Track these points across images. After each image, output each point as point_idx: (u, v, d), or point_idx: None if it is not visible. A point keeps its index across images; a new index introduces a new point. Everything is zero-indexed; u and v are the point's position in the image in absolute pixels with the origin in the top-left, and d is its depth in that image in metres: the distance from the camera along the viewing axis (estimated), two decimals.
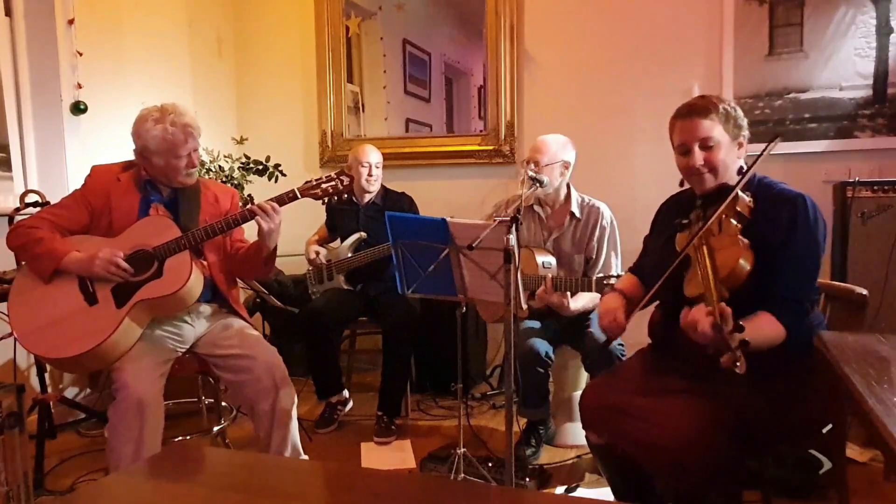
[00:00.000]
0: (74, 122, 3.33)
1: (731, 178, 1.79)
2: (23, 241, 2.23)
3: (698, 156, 1.75)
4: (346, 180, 2.35)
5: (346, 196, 2.40)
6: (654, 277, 1.76)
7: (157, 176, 2.36)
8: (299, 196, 2.32)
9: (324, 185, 2.34)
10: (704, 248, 1.63)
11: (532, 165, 2.80)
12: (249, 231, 2.53)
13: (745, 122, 1.81)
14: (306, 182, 2.36)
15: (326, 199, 2.39)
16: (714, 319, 1.43)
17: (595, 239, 2.86)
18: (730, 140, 1.76)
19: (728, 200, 1.66)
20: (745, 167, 1.82)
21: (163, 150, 2.27)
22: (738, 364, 1.37)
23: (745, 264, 1.57)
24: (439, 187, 3.96)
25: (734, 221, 1.65)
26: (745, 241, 1.61)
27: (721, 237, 1.64)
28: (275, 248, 2.37)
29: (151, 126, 2.26)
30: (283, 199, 2.30)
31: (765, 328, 1.57)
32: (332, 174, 2.37)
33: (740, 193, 1.68)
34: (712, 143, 1.74)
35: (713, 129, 1.74)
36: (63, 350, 2.14)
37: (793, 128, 3.35)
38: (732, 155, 1.78)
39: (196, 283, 2.25)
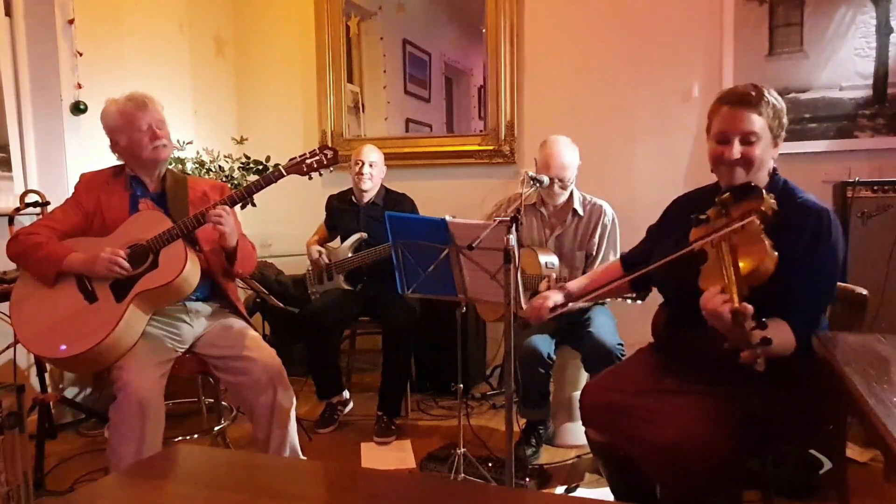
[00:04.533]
0: (74, 122, 3.33)
1: (761, 177, 1.75)
2: (22, 248, 2.24)
3: (737, 149, 1.69)
4: (329, 154, 2.34)
5: (331, 169, 2.37)
6: (663, 274, 1.75)
7: (130, 161, 2.38)
8: (285, 174, 2.31)
9: (308, 160, 2.33)
10: (726, 244, 1.55)
11: (558, 182, 2.83)
12: (248, 227, 2.53)
13: (786, 120, 1.75)
14: (291, 159, 2.35)
15: (313, 175, 2.35)
16: (732, 306, 1.37)
17: (597, 236, 2.90)
18: (771, 138, 1.71)
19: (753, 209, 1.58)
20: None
21: (121, 126, 2.32)
22: (758, 361, 1.32)
23: (769, 263, 1.50)
24: (439, 187, 3.95)
25: (758, 221, 1.57)
26: (770, 241, 1.53)
27: (745, 235, 1.56)
28: (237, 246, 2.34)
29: (109, 107, 2.34)
30: (270, 179, 2.29)
31: (780, 336, 1.51)
32: (316, 149, 2.36)
33: (765, 194, 1.61)
34: (754, 138, 1.68)
35: (758, 123, 1.68)
36: (69, 349, 2.14)
37: (793, 128, 3.35)
38: (769, 153, 1.73)
39: (192, 272, 2.25)
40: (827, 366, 1.45)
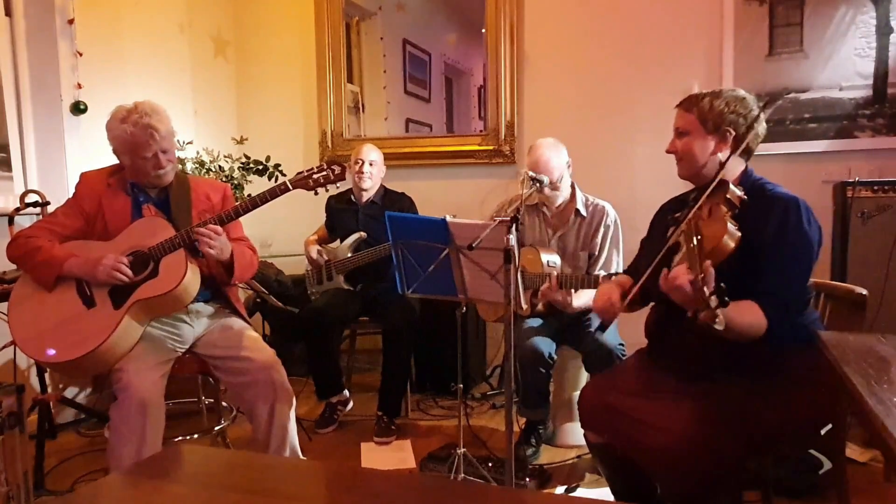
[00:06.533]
0: (74, 122, 3.33)
1: (729, 176, 1.79)
2: (22, 251, 2.24)
3: (671, 142, 1.89)
4: (337, 170, 2.33)
5: (338, 186, 2.36)
6: (651, 277, 1.76)
7: (131, 175, 2.35)
8: (291, 188, 2.29)
9: (315, 176, 2.31)
10: (693, 229, 1.62)
11: (547, 179, 2.83)
12: (248, 228, 2.53)
13: (736, 120, 1.79)
14: (298, 173, 2.34)
15: (319, 190, 2.34)
16: (693, 277, 1.44)
17: (599, 237, 2.90)
18: (703, 133, 1.81)
19: (712, 186, 1.70)
20: (746, 166, 1.85)
21: (126, 150, 2.28)
22: (717, 320, 1.37)
23: (728, 240, 1.58)
24: (439, 187, 3.95)
25: (724, 208, 1.67)
26: (735, 223, 1.62)
27: (710, 220, 1.66)
28: (232, 256, 2.30)
29: (116, 125, 2.27)
30: (276, 192, 2.28)
31: (745, 312, 1.58)
32: (324, 164, 2.34)
33: (731, 186, 1.71)
34: (682, 132, 1.86)
35: (686, 118, 1.84)
36: (64, 354, 2.14)
37: (793, 128, 3.35)
38: (707, 147, 1.82)
39: (192, 282, 2.24)
40: (827, 365, 1.45)
